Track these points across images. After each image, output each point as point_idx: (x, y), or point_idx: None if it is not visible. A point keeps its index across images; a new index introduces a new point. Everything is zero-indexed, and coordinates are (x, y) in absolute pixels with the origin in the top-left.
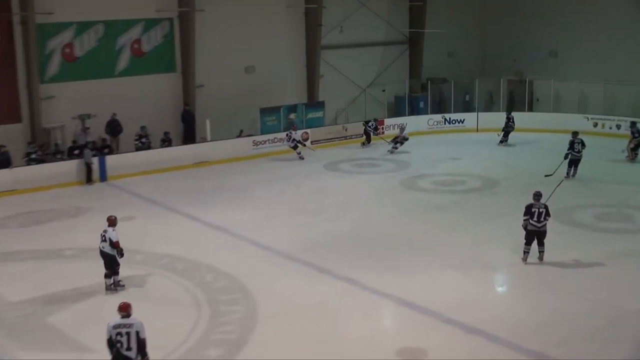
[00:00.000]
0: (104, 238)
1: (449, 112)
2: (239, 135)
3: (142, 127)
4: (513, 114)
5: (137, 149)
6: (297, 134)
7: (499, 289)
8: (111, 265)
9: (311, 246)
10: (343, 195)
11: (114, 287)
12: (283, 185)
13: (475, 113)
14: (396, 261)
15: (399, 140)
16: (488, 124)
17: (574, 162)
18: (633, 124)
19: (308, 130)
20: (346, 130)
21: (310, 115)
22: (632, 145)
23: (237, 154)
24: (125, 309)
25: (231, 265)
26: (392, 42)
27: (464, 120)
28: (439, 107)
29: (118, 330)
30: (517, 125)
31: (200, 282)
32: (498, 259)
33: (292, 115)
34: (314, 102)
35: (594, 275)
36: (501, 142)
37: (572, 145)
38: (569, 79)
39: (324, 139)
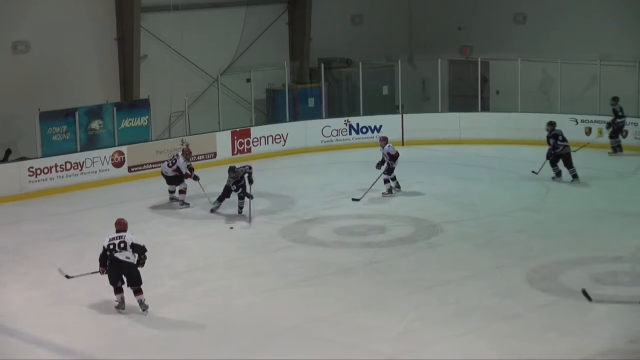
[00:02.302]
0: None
1: (357, 114)
2: (4, 159)
3: None
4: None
5: None
6: (183, 163)
7: None
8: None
9: (134, 345)
10: (185, 257)
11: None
12: (83, 242)
13: (399, 115)
14: None
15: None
16: (421, 132)
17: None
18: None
19: (124, 149)
20: (187, 146)
21: (126, 124)
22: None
23: (1, 192)
24: (121, 225)
25: None
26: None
27: (380, 126)
28: (340, 106)
29: (112, 241)
30: (465, 135)
31: None
32: (443, 350)
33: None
34: (132, 102)
35: None
36: (615, 149)
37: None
38: (545, 58)
39: (151, 163)
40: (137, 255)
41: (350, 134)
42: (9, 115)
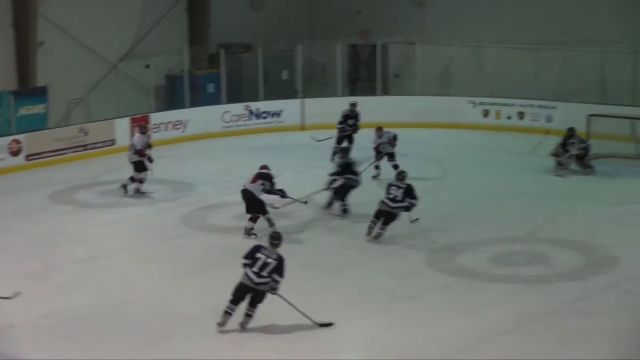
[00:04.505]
0: None
1: (257, 99)
2: None
3: None
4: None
5: None
6: (141, 140)
7: None
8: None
9: (33, 334)
10: (85, 245)
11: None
12: None
13: (299, 100)
14: (182, 348)
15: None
16: (320, 117)
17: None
18: (572, 133)
19: (22, 138)
20: (85, 134)
21: (24, 111)
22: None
23: None
24: None
25: None
26: None
27: (280, 111)
28: (240, 92)
29: None
30: (364, 118)
31: None
32: (342, 334)
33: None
34: (29, 89)
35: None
36: (335, 153)
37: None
38: (442, 42)
39: (49, 151)
40: None
41: (250, 119)
42: None
